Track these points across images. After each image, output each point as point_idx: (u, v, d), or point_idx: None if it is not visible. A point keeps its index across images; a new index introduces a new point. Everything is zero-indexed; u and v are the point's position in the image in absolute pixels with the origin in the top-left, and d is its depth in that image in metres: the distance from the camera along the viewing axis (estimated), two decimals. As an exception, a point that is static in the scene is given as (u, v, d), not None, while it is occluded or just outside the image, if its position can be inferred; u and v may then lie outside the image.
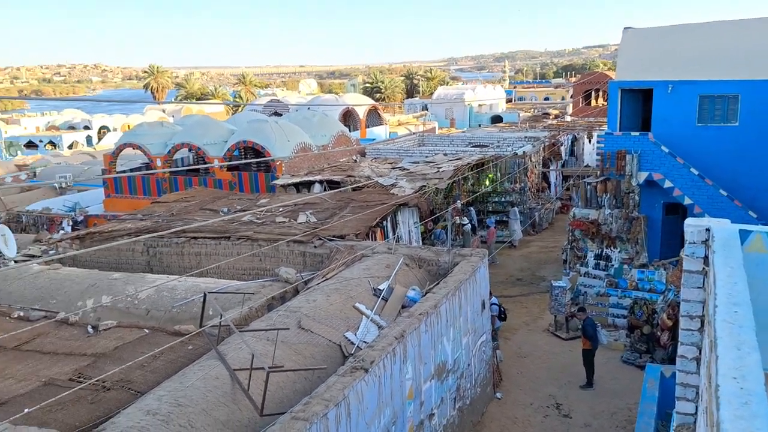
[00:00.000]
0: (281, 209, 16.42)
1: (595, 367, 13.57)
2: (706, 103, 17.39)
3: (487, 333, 12.83)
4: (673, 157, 17.44)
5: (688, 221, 5.42)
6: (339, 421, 7.20)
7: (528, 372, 14.23)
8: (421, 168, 22.64)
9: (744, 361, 2.97)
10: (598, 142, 20.10)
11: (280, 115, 36.87)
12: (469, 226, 22.17)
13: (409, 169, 22.69)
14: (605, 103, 46.64)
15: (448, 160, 23.82)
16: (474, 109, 57.33)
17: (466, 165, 22.87)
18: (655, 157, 17.66)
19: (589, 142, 34.94)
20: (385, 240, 15.70)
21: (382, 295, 10.63)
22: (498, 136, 32.37)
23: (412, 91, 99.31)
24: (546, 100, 73.17)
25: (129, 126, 56.78)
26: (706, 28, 18.84)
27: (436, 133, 44.85)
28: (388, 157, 26.86)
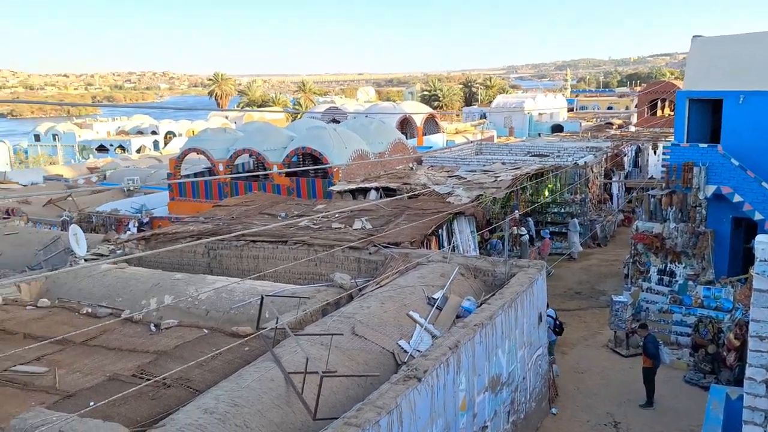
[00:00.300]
0: (337, 215, 16.60)
1: (655, 386, 13.12)
2: (779, 115, 16.64)
3: (543, 346, 12.59)
4: (743, 171, 16.73)
5: (759, 238, 5.20)
6: (391, 429, 7.19)
7: (585, 388, 13.87)
8: (479, 177, 22.46)
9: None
10: (663, 154, 19.55)
11: (338, 122, 37.31)
12: (527, 236, 21.84)
13: (465, 178, 22.55)
14: (672, 114, 45.25)
15: (507, 170, 23.55)
16: (534, 118, 56.58)
17: (524, 174, 22.56)
18: (725, 170, 16.98)
19: (654, 153, 33.93)
20: (440, 249, 15.64)
21: (436, 304, 10.58)
22: (558, 145, 31.82)
23: (470, 99, 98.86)
24: (609, 109, 71.51)
25: (194, 131, 58.76)
26: (780, 37, 18.04)
27: (495, 141, 44.47)
28: (445, 166, 26.75)
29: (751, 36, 18.82)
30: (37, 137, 62.10)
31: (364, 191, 21.95)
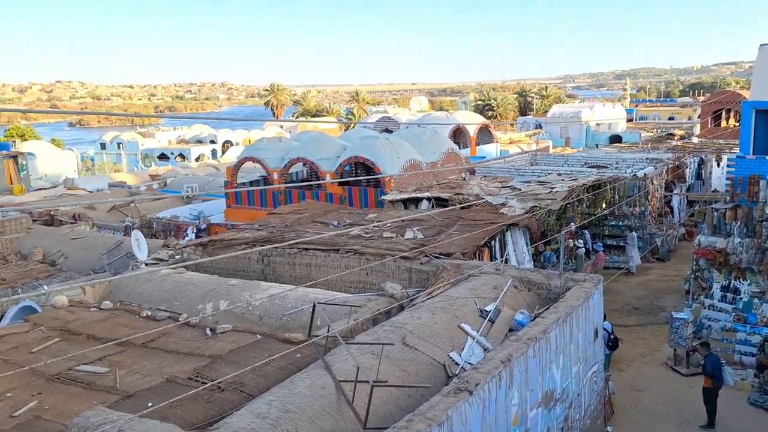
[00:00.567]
0: (389, 225, 16.63)
1: (717, 408, 12.57)
2: None
3: (599, 363, 12.25)
4: (815, 184, 15.94)
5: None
6: (441, 442, 7.12)
7: (643, 407, 13.42)
8: (533, 188, 22.13)
9: None
10: (728, 166, 18.84)
11: (391, 131, 37.44)
12: (583, 249, 21.37)
13: (519, 189, 22.26)
14: (737, 124, 43.62)
15: (562, 181, 23.13)
16: (591, 128, 55.38)
17: (581, 186, 22.09)
18: (794, 183, 16.23)
19: (717, 165, 32.68)
20: (492, 260, 15.46)
21: (488, 317, 10.45)
22: (617, 156, 31.07)
23: (525, 108, 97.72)
24: (670, 119, 69.31)
25: (250, 141, 60.18)
26: None
27: (550, 152, 43.75)
28: (498, 176, 26.48)
29: (824, 43, 17.99)
30: (102, 146, 64.84)
31: (416, 201, 21.94)
